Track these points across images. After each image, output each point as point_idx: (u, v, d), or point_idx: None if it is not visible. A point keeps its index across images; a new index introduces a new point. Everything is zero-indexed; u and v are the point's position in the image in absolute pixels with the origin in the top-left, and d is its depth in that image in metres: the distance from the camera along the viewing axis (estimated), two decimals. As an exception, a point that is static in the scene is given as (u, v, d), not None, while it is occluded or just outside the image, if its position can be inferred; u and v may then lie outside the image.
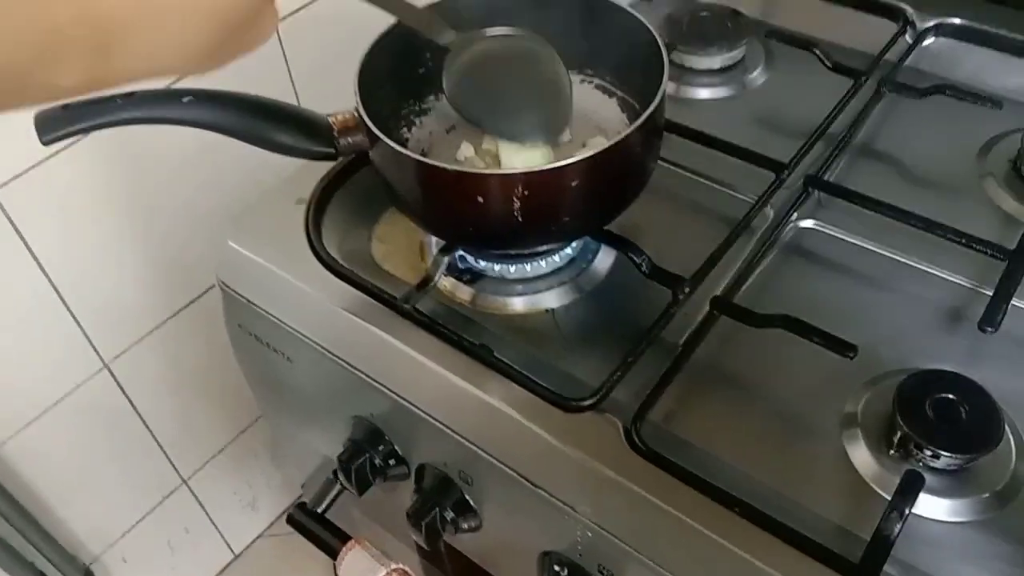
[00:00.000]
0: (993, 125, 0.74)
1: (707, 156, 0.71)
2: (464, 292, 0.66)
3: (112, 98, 0.50)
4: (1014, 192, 0.69)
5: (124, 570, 1.19)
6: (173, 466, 1.20)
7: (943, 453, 0.51)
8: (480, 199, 0.56)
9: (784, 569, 0.48)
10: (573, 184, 0.56)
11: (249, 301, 0.67)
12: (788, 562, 0.48)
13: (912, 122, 0.76)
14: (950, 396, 0.53)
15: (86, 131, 0.50)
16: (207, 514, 1.30)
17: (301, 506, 0.75)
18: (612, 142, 0.55)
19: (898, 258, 0.65)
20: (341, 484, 0.69)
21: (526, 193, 0.55)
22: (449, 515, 0.61)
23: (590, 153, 0.54)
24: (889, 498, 0.50)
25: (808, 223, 0.68)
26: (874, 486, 0.53)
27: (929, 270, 0.64)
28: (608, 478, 0.53)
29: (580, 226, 0.62)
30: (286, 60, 1.00)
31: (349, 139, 0.58)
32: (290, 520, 0.74)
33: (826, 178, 0.69)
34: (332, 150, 0.58)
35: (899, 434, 0.53)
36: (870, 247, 0.66)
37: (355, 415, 0.66)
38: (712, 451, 0.55)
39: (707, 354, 0.60)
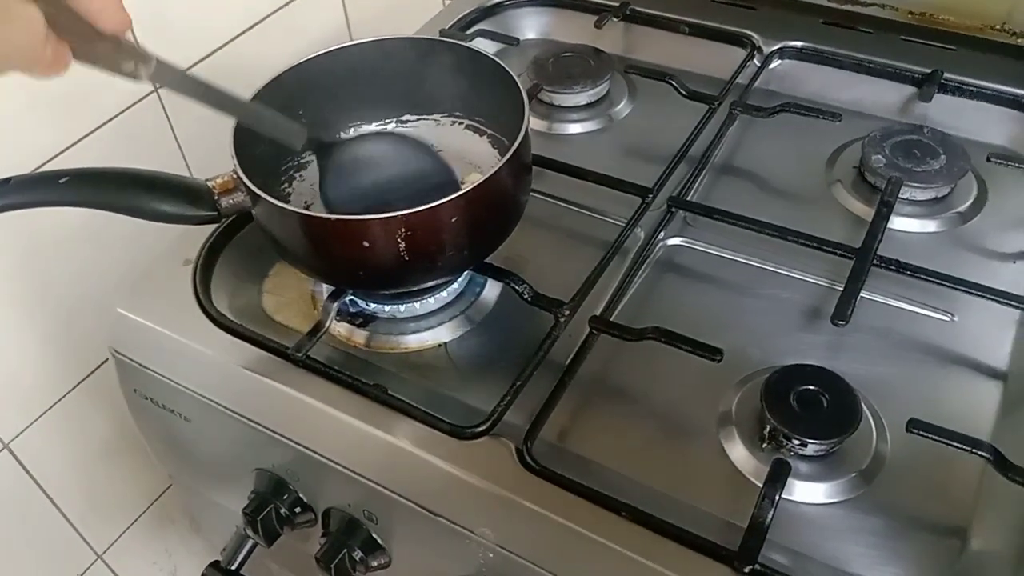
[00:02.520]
0: (838, 136, 0.81)
1: (579, 187, 0.75)
2: (359, 336, 0.68)
3: None
4: (860, 195, 0.75)
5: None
6: (86, 542, 1.16)
7: (809, 440, 0.56)
8: (366, 243, 0.58)
9: (671, 565, 0.51)
10: (452, 220, 0.59)
11: (142, 365, 0.68)
12: (675, 558, 0.51)
13: (764, 140, 0.82)
14: (811, 387, 0.58)
15: None
16: None
17: (214, 564, 0.75)
18: (484, 178, 0.58)
19: (760, 265, 0.70)
20: (250, 537, 0.69)
21: (409, 233, 0.57)
22: (358, 555, 0.62)
23: (465, 189, 0.57)
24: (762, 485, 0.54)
25: (676, 240, 0.73)
26: (751, 478, 0.57)
27: (789, 273, 0.70)
28: (504, 498, 0.55)
29: (463, 260, 0.64)
30: (171, 124, 1.00)
31: (231, 200, 0.59)
32: None
33: (688, 198, 0.73)
34: (215, 213, 0.60)
35: (768, 427, 0.57)
36: (734, 257, 0.71)
37: (257, 467, 0.66)
38: (603, 462, 0.58)
39: (592, 371, 0.63)
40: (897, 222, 0.72)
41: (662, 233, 0.72)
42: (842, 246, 0.67)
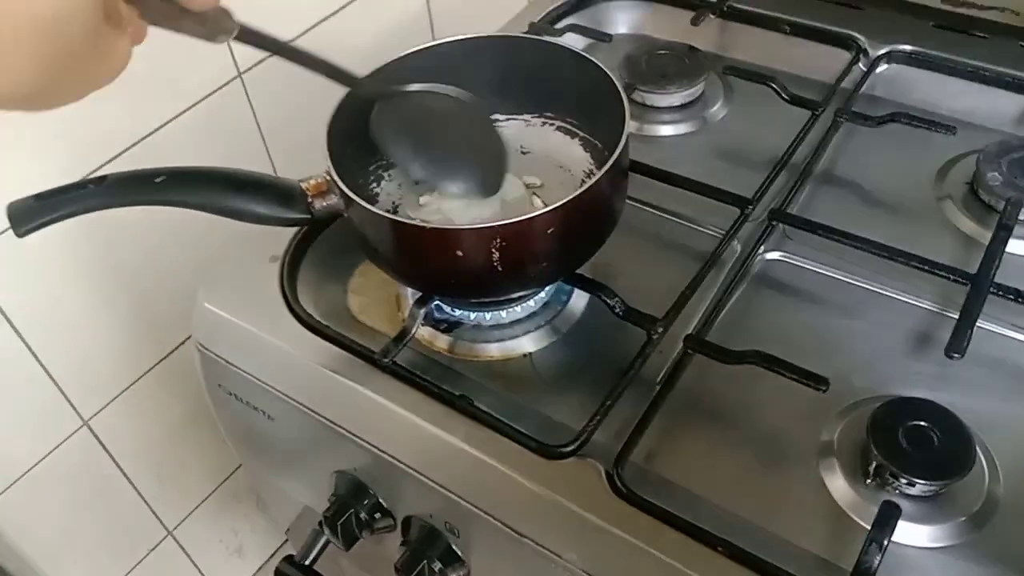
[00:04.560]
0: (948, 148, 0.76)
1: (673, 193, 0.73)
2: (442, 341, 0.66)
3: (84, 184, 0.51)
4: (972, 214, 0.71)
5: (114, 623, 1.18)
6: (158, 518, 1.19)
7: (918, 481, 0.53)
8: (459, 253, 0.56)
9: (770, 606, 0.48)
10: (548, 232, 0.56)
11: (228, 362, 0.67)
12: (774, 598, 0.49)
13: (870, 149, 0.78)
14: (922, 423, 0.54)
15: (62, 219, 0.50)
16: (194, 564, 1.29)
17: (288, 559, 0.75)
18: (582, 189, 0.56)
19: (865, 285, 0.67)
20: (328, 539, 0.69)
21: (503, 244, 0.55)
22: (437, 566, 0.61)
23: (563, 201, 0.55)
24: (868, 527, 0.51)
25: (775, 255, 0.70)
26: (853, 515, 0.54)
27: (896, 296, 0.66)
28: (592, 524, 0.53)
29: (555, 271, 0.62)
30: (255, 114, 1.00)
31: (324, 203, 0.58)
32: (278, 573, 0.74)
33: (790, 210, 0.70)
34: (308, 216, 0.58)
35: (874, 463, 0.54)
36: (836, 276, 0.68)
37: (338, 470, 0.66)
38: (694, 489, 0.56)
39: (684, 392, 0.61)
40: (1013, 245, 0.68)
41: (761, 247, 0.69)
42: (956, 271, 0.63)
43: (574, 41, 0.89)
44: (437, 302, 0.66)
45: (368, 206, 0.56)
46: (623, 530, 0.52)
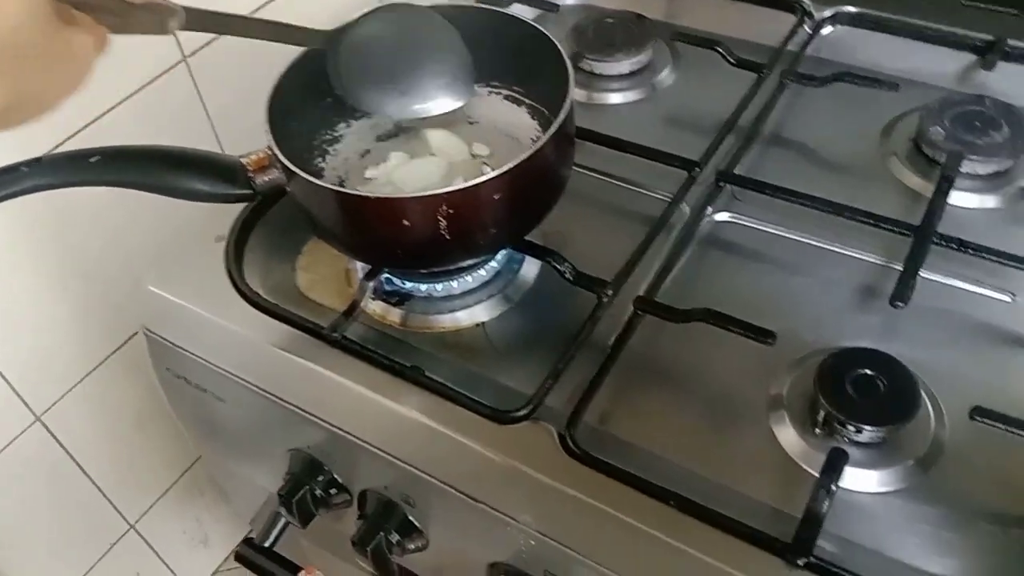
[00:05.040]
0: (893, 106, 0.77)
1: (622, 159, 0.73)
2: (393, 315, 0.66)
3: (16, 167, 0.50)
4: (916, 169, 0.72)
5: (80, 620, 1.16)
6: (119, 512, 1.18)
7: (865, 427, 0.53)
8: (405, 222, 0.56)
9: (721, 556, 0.49)
10: (495, 198, 0.56)
11: (174, 344, 0.67)
12: (724, 549, 0.49)
13: (816, 110, 0.79)
14: (868, 371, 0.55)
15: None
16: (159, 556, 1.28)
17: (248, 541, 0.74)
18: (527, 154, 0.55)
19: (812, 242, 0.67)
20: (285, 519, 0.69)
21: (450, 212, 0.55)
22: (395, 538, 0.61)
23: (509, 166, 0.55)
24: (818, 475, 0.52)
25: (724, 216, 0.70)
26: (803, 465, 0.54)
27: (842, 251, 0.67)
28: (546, 485, 0.53)
29: (504, 238, 0.62)
30: (201, 98, 0.99)
31: (265, 177, 0.57)
32: (238, 557, 0.73)
33: (736, 171, 0.70)
34: (250, 191, 0.58)
35: (822, 413, 0.54)
36: (784, 234, 0.68)
37: (292, 448, 0.65)
38: (647, 447, 0.56)
39: (636, 353, 0.61)
40: (956, 197, 0.69)
41: (709, 209, 0.69)
42: (900, 223, 0.64)
43: (522, 11, 0.88)
44: (387, 275, 0.65)
45: (310, 178, 0.55)
46: (576, 489, 0.52)
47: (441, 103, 0.62)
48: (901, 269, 0.62)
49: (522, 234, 0.62)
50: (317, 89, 0.64)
